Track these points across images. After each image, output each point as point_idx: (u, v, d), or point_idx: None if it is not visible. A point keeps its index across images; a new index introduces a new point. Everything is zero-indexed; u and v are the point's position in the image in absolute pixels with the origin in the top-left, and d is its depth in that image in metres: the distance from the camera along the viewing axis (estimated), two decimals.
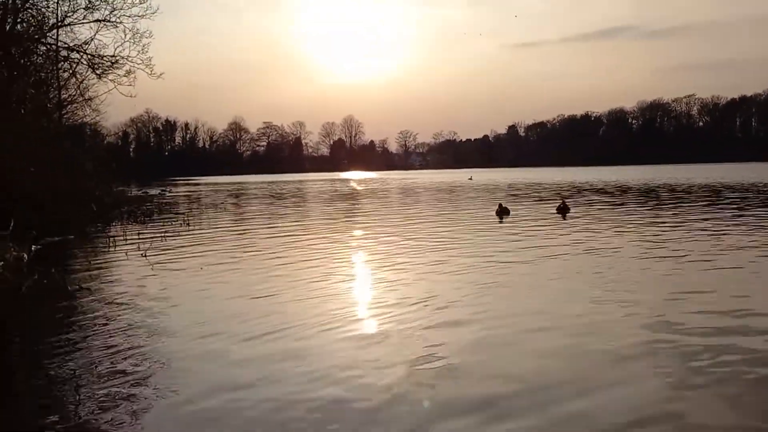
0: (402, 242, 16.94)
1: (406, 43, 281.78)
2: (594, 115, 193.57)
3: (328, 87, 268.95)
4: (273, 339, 7.77)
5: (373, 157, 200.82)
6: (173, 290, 11.08)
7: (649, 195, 36.38)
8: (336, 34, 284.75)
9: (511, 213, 24.14)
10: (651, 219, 21.59)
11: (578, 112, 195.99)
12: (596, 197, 35.39)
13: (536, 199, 35.38)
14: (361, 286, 11.49)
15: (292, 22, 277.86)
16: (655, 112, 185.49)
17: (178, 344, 7.68)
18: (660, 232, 17.56)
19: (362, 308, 9.54)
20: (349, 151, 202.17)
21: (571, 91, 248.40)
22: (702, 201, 29.77)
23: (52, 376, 6.63)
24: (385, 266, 13.12)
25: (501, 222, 21.63)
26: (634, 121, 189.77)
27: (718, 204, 27.48)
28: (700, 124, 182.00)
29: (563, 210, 24.42)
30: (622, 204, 29.56)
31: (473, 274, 11.79)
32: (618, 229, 18.50)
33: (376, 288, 10.96)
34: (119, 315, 9.22)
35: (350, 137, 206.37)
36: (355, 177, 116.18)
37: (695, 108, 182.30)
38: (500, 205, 25.02)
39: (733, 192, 35.69)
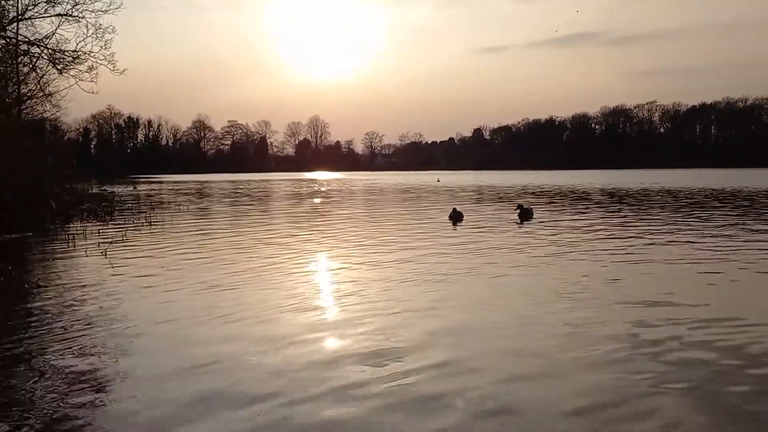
0: (343, 246, 16.74)
1: (374, 45, 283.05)
2: (558, 119, 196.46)
3: (295, 87, 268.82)
4: (232, 338, 7.75)
5: (339, 157, 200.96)
6: (133, 289, 10.95)
7: (609, 199, 36.97)
8: (303, 35, 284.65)
9: (465, 218, 22.88)
10: (608, 223, 21.97)
11: (543, 116, 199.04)
12: (559, 202, 35.81)
13: (502, 202, 35.64)
14: (308, 290, 11.46)
15: (259, 21, 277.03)
16: (617, 117, 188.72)
17: (137, 344, 7.62)
18: (614, 238, 17.84)
19: (310, 308, 9.56)
20: (315, 151, 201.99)
21: (535, 95, 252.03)
22: (655, 205, 30.40)
23: (5, 376, 6.52)
24: (317, 267, 13.22)
25: (454, 227, 20.92)
26: (597, 126, 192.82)
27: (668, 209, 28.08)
28: (662, 130, 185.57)
29: (522, 215, 23.17)
30: (583, 208, 29.94)
31: (402, 274, 11.90)
32: (573, 234, 18.74)
33: (315, 290, 11.05)
34: (77, 314, 9.09)
35: (316, 137, 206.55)
36: (321, 177, 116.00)
37: (657, 114, 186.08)
38: (454, 209, 23.39)
39: (685, 197, 36.55)
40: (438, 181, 79.56)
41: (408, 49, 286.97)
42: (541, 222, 22.20)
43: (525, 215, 23.24)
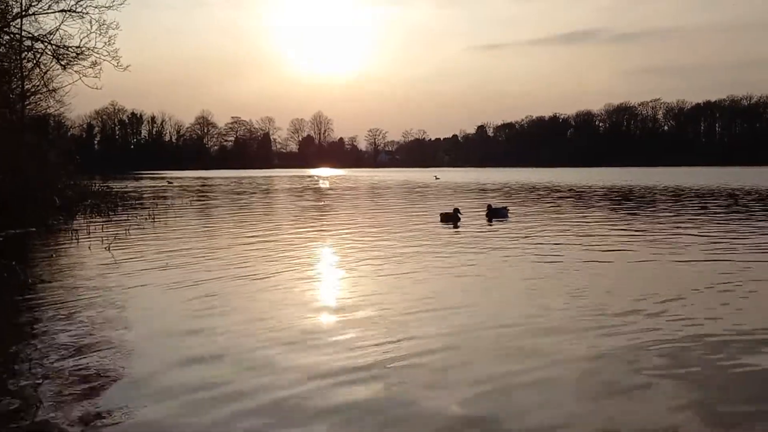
0: (331, 243, 16.79)
1: (377, 42, 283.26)
2: (562, 117, 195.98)
3: (299, 84, 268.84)
4: (231, 337, 7.72)
5: (343, 154, 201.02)
6: (136, 285, 10.93)
7: (604, 198, 36.92)
8: (307, 32, 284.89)
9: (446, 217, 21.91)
10: (581, 221, 21.96)
11: (546, 113, 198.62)
12: (548, 199, 35.77)
13: (487, 199, 35.50)
14: (313, 288, 11.46)
15: (264, 18, 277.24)
16: (621, 115, 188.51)
17: (139, 339, 7.60)
18: (590, 235, 17.82)
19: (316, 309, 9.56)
20: (318, 147, 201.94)
21: (539, 92, 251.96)
22: (650, 205, 30.38)
23: (8, 371, 6.51)
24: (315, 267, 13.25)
25: (456, 228, 19.88)
26: (601, 124, 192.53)
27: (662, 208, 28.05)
28: (666, 128, 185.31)
29: (490, 214, 22.82)
30: (561, 205, 29.89)
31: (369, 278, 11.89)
32: (536, 233, 18.65)
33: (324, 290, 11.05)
34: (80, 309, 9.07)
35: (319, 134, 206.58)
36: (323, 174, 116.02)
37: (661, 112, 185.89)
38: (456, 210, 22.10)
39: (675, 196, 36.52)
40: (436, 178, 79.46)
41: (410, 46, 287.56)
42: (512, 221, 21.78)
43: (493, 214, 22.98)
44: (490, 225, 20.89)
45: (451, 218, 21.77)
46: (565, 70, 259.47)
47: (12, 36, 30.31)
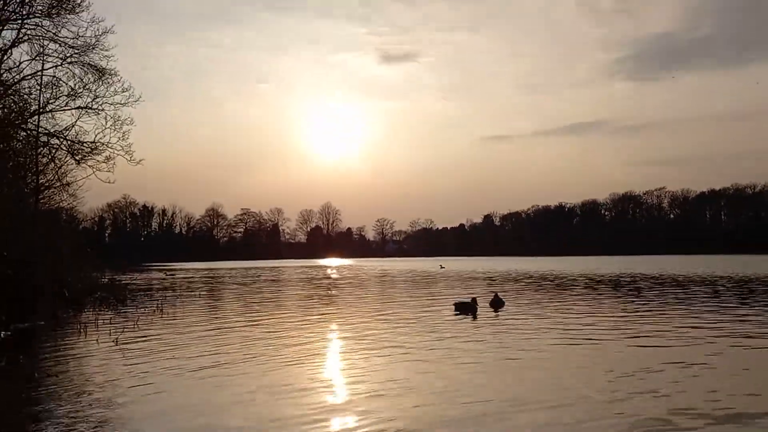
0: (340, 340, 16.72)
1: (384, 134, 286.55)
2: (568, 206, 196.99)
3: (308, 175, 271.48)
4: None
5: (350, 243, 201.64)
6: (142, 382, 10.94)
7: (601, 287, 36.84)
8: (316, 124, 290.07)
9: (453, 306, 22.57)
10: (575, 311, 22.06)
11: (552, 202, 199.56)
12: (546, 289, 35.69)
13: (491, 288, 35.50)
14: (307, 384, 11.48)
15: (274, 111, 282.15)
16: (626, 204, 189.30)
17: None
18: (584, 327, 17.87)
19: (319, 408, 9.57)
20: (327, 237, 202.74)
21: (545, 182, 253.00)
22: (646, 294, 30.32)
23: None
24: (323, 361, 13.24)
25: (474, 319, 20.07)
26: (606, 213, 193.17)
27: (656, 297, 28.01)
28: (671, 216, 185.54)
29: (493, 304, 23.27)
30: (556, 297, 29.84)
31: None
32: (538, 327, 18.29)
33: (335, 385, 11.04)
34: (84, 406, 9.12)
35: (328, 224, 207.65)
36: (332, 264, 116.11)
37: (666, 200, 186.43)
38: (474, 299, 22.40)
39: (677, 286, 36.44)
40: (441, 267, 79.61)
41: (417, 137, 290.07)
42: (515, 310, 22.10)
43: (496, 304, 23.54)
44: (496, 314, 21.08)
45: (468, 308, 21.81)
46: (571, 160, 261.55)
47: (29, 132, 31.16)
